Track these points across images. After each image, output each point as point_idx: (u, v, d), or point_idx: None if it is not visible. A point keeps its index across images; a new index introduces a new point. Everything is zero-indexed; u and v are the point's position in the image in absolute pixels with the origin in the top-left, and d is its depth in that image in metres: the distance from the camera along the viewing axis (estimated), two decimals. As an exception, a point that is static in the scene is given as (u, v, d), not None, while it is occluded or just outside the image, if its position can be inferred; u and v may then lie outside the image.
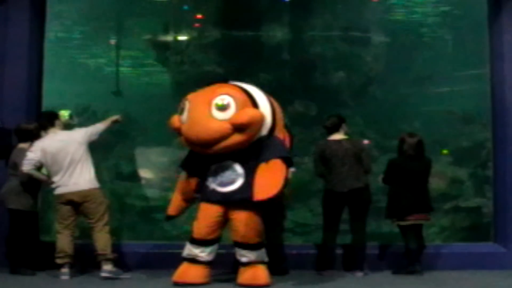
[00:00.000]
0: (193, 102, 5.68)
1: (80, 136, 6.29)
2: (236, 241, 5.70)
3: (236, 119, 5.47)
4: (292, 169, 6.24)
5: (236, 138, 5.51)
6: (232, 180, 5.62)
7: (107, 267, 6.08)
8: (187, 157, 6.05)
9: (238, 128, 5.47)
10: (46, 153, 6.15)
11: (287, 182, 5.60)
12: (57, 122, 6.39)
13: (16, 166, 6.28)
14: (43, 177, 6.28)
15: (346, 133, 6.65)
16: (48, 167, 6.21)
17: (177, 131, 5.78)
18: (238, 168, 5.63)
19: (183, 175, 6.10)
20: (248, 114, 5.52)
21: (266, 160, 5.50)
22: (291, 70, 10.01)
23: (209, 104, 5.54)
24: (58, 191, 6.17)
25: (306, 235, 8.23)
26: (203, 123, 5.52)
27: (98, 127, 6.42)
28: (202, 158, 5.75)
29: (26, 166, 6.10)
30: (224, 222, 5.72)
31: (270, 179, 5.40)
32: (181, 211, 6.16)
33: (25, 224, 6.32)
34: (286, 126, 6.26)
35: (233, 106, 5.52)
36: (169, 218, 6.22)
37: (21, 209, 6.29)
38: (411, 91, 10.05)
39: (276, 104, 5.96)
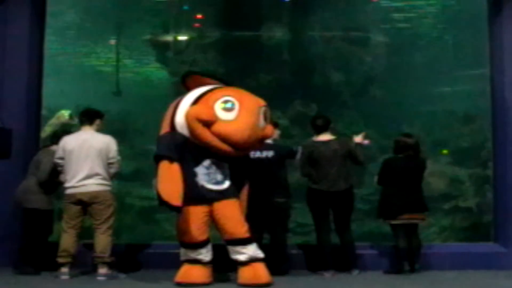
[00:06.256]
0: (245, 106, 5.69)
1: (105, 147, 6.16)
2: (227, 240, 5.68)
3: (268, 131, 5.93)
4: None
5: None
6: (223, 179, 5.70)
7: (103, 270, 6.07)
8: (169, 147, 5.66)
9: (263, 139, 5.95)
10: (64, 150, 6.17)
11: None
12: (96, 122, 6.31)
13: (38, 164, 6.28)
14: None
15: (332, 133, 6.65)
16: (65, 164, 6.18)
17: (207, 123, 5.56)
18: (227, 169, 5.74)
19: (166, 162, 5.59)
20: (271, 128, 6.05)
21: None
22: (291, 70, 10.02)
23: (259, 112, 5.77)
24: (69, 190, 6.14)
25: (306, 235, 8.21)
26: (256, 130, 5.73)
27: (116, 165, 6.28)
28: (196, 153, 5.68)
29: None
30: (210, 221, 5.71)
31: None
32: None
33: (41, 223, 6.31)
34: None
35: (268, 117, 5.93)
36: (178, 209, 5.57)
37: (38, 208, 6.27)
38: (411, 91, 10.06)
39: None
